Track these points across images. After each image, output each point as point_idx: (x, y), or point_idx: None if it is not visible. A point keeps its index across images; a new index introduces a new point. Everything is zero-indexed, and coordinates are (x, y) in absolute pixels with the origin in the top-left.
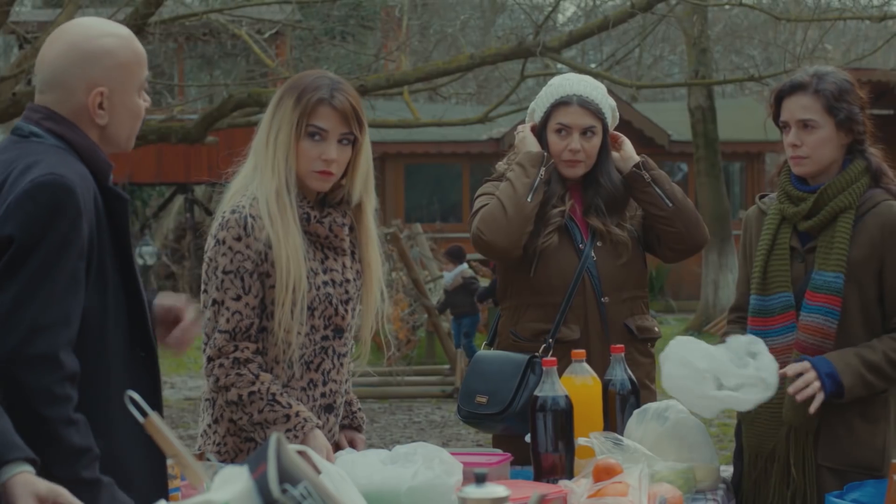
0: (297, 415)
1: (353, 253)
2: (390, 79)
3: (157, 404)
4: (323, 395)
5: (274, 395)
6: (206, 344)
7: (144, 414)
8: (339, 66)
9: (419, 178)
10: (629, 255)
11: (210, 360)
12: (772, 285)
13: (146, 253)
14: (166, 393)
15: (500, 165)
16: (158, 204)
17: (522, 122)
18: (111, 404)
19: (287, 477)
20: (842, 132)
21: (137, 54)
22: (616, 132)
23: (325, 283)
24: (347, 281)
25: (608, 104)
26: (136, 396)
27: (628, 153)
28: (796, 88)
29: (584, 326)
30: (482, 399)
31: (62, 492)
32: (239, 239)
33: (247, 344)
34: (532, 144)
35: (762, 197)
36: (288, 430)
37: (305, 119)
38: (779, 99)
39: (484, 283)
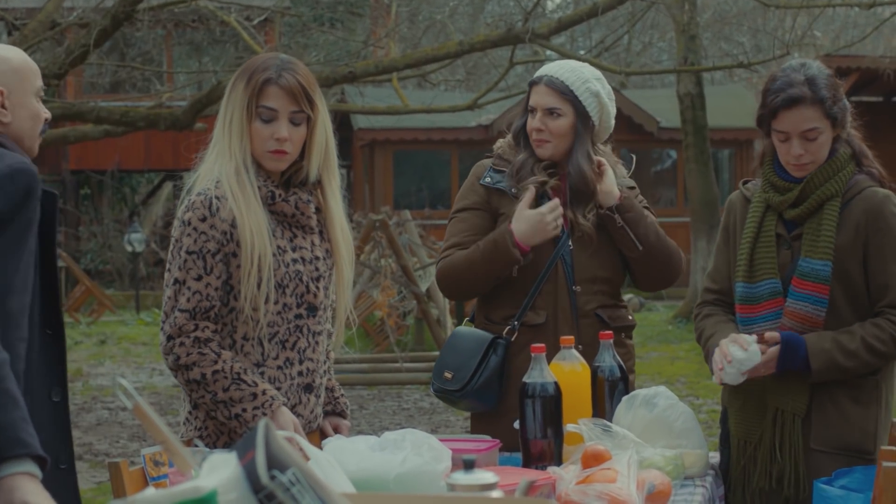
0: (263, 393)
1: (321, 232)
2: (379, 65)
3: (62, 377)
4: (300, 373)
5: (238, 373)
6: (164, 322)
7: (132, 401)
8: (328, 53)
9: (408, 165)
10: (604, 248)
11: (170, 338)
12: (758, 272)
13: (135, 240)
14: (155, 379)
15: (501, 147)
16: (147, 191)
17: (510, 109)
18: (25, 378)
19: (275, 463)
20: (836, 128)
21: (29, 64)
22: (601, 159)
23: (295, 261)
24: (317, 258)
25: (588, 89)
26: (126, 384)
27: (608, 188)
28: (795, 101)
29: (553, 312)
30: (448, 375)
31: None
32: (203, 219)
33: (207, 324)
34: (521, 220)
35: (745, 183)
36: (255, 409)
37: (255, 100)
38: (773, 112)
39: None
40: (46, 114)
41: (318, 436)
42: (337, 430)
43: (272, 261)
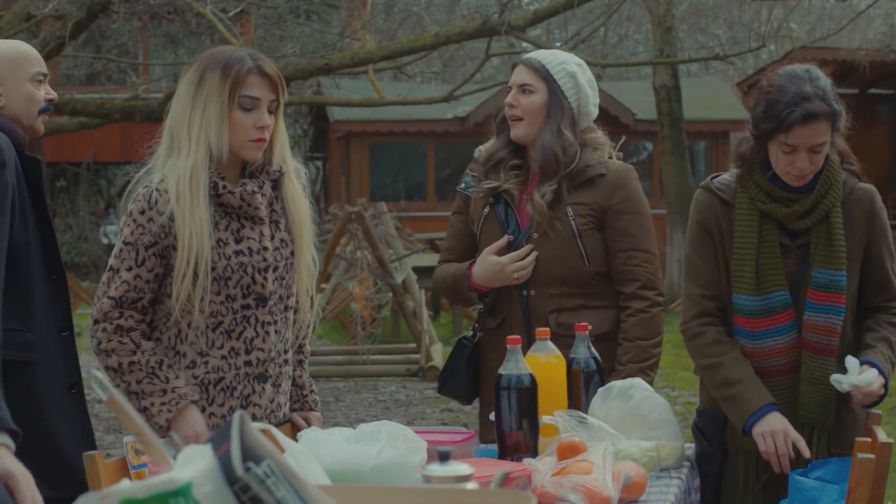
0: (172, 390)
1: (276, 222)
2: (355, 57)
3: (68, 320)
4: (248, 363)
5: (153, 367)
6: (94, 305)
7: (107, 393)
8: (304, 45)
9: (384, 157)
10: (562, 250)
11: (95, 322)
12: (767, 284)
13: (111, 232)
14: None
15: (480, 152)
16: (123, 183)
17: (486, 101)
18: (36, 318)
19: (250, 455)
20: (835, 134)
21: (21, 52)
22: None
23: (238, 253)
24: (265, 249)
25: (563, 69)
26: (101, 376)
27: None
28: (813, 117)
29: (508, 315)
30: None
31: (16, 476)
32: (143, 212)
33: (132, 313)
34: (482, 264)
35: (712, 179)
36: (163, 404)
37: (237, 90)
38: (789, 126)
39: None
40: (49, 95)
41: (288, 429)
42: (309, 423)
43: (210, 255)
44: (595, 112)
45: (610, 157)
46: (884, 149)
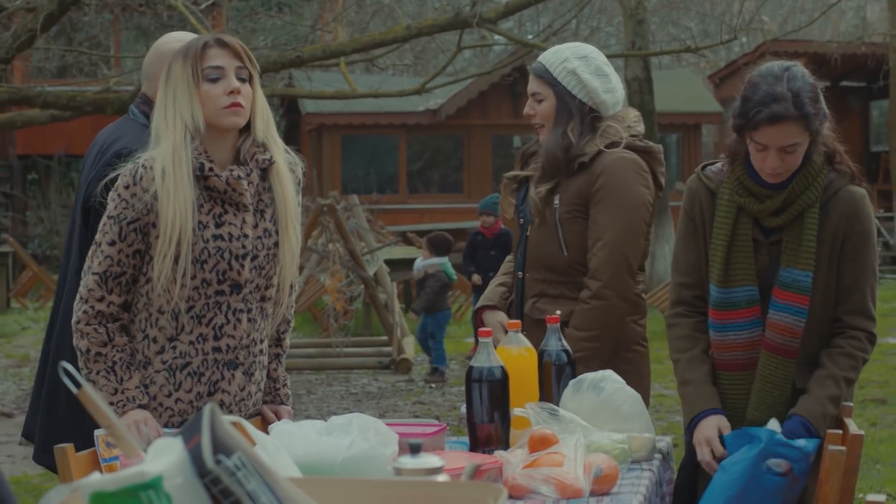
0: (123, 391)
1: (262, 212)
2: (327, 50)
3: None
4: (217, 349)
5: (115, 363)
6: (81, 281)
7: (78, 385)
8: (276, 38)
9: (356, 150)
10: (546, 237)
11: (80, 299)
12: (735, 278)
13: None
14: None
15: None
16: None
17: (458, 93)
18: None
19: (221, 448)
20: (814, 137)
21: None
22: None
23: (216, 237)
24: (245, 236)
25: (564, 68)
26: (71, 368)
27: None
28: (780, 119)
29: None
30: None
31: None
32: (127, 187)
33: (113, 298)
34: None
35: (704, 167)
36: (110, 403)
37: (199, 65)
38: (755, 126)
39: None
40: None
41: (258, 422)
42: (277, 416)
43: (192, 236)
44: (611, 99)
45: (615, 146)
46: (856, 141)
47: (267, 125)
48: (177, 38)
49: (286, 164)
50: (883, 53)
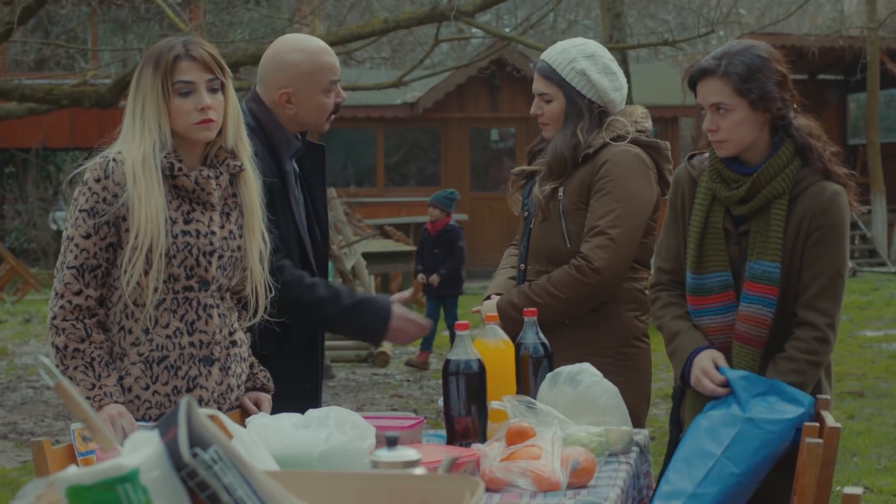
0: (100, 387)
1: (227, 214)
2: None
3: None
4: (192, 344)
5: (92, 360)
6: (55, 277)
7: (54, 379)
8: (254, 31)
9: (333, 143)
10: (550, 229)
11: (55, 294)
12: (708, 264)
13: (60, 218)
14: None
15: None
16: (72, 169)
17: (436, 87)
18: None
19: (198, 441)
20: (758, 111)
21: (319, 65)
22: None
23: (185, 233)
24: (213, 233)
25: (573, 69)
26: (49, 362)
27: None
28: (704, 73)
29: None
30: None
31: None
32: (98, 180)
33: (90, 291)
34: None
35: (691, 157)
36: (87, 398)
37: (169, 79)
38: (692, 84)
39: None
40: (341, 98)
41: (238, 414)
42: (257, 404)
43: (165, 243)
44: (619, 96)
45: (620, 140)
46: (833, 134)
47: (238, 130)
48: (294, 48)
49: (253, 170)
50: (860, 47)
